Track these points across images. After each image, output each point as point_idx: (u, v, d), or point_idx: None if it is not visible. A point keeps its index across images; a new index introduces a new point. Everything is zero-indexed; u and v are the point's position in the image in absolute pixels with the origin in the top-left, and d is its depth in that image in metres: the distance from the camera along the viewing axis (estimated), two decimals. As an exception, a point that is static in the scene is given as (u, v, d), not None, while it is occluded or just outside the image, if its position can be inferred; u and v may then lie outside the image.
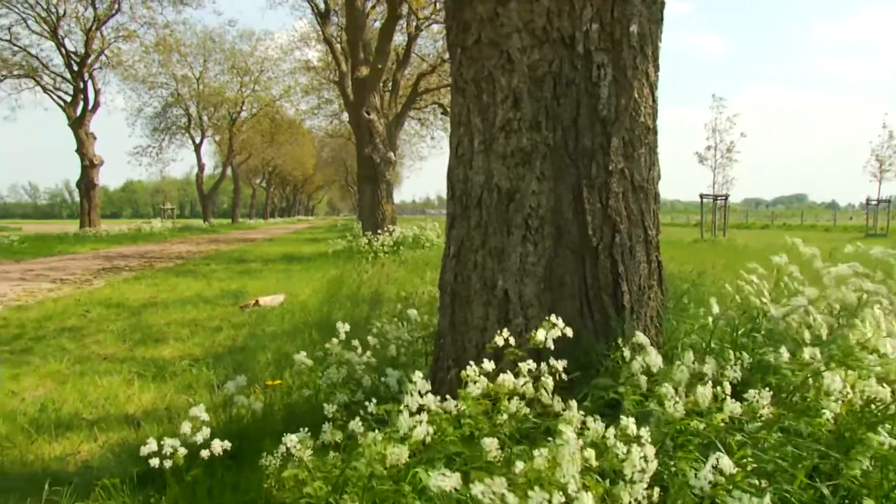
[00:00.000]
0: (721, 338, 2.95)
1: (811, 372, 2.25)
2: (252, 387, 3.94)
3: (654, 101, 2.84)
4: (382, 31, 17.58)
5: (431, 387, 2.21)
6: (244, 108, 49.15)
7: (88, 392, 4.24)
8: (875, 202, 31.69)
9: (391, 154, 17.71)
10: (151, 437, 2.34)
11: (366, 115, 16.89)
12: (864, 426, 2.02)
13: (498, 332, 2.34)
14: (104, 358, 5.28)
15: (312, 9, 22.09)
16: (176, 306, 8.05)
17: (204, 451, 2.37)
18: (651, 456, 1.67)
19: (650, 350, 2.53)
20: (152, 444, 2.33)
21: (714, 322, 2.96)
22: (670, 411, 2.01)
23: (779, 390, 2.40)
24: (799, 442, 1.96)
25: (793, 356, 2.51)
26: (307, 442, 2.37)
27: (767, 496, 1.58)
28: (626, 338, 2.62)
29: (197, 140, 49.78)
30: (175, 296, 9.10)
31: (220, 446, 2.38)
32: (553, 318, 2.34)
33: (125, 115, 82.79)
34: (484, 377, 2.17)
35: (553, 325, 2.35)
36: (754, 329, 2.96)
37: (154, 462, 2.30)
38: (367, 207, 17.60)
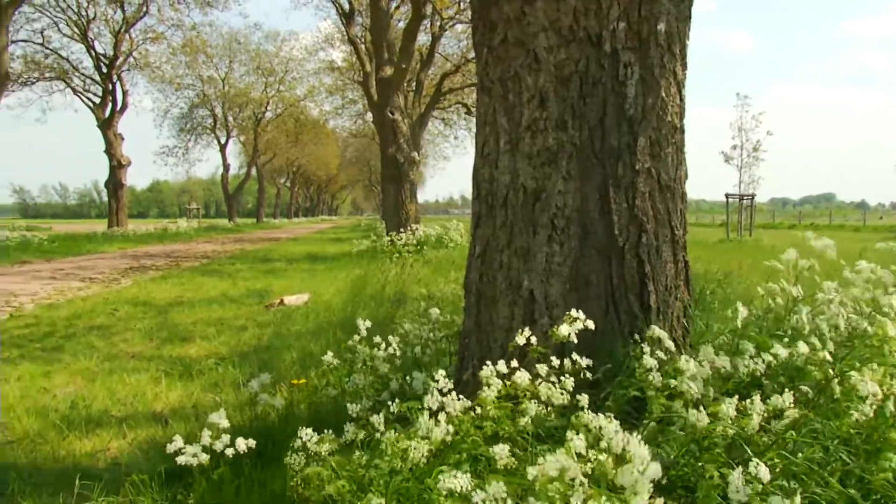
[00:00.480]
0: (747, 337, 2.92)
1: (838, 372, 2.21)
2: (277, 386, 3.96)
3: (682, 100, 2.82)
4: (406, 31, 17.61)
5: (456, 387, 2.21)
6: (269, 109, 49.52)
7: (117, 389, 4.29)
8: (906, 202, 31.05)
9: (415, 154, 17.74)
10: (178, 435, 2.37)
11: (390, 115, 16.93)
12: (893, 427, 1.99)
13: (520, 332, 2.34)
14: (132, 356, 5.35)
15: (337, 9, 22.22)
16: (202, 305, 8.13)
17: (229, 450, 2.39)
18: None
19: (667, 343, 2.51)
20: (178, 442, 2.36)
21: (743, 324, 2.93)
22: (694, 421, 1.98)
23: (797, 388, 2.37)
24: (827, 443, 1.93)
25: (813, 352, 2.47)
26: (329, 440, 2.38)
27: (798, 498, 1.55)
28: (650, 336, 2.60)
29: (222, 140, 50.23)
30: (201, 295, 9.19)
31: (245, 444, 2.40)
32: (581, 314, 2.33)
33: (152, 116, 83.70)
34: (499, 379, 2.16)
35: (575, 319, 2.33)
36: (780, 328, 2.93)
37: (181, 460, 2.33)
38: (391, 207, 17.64)
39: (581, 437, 1.66)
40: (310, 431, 2.34)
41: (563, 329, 2.32)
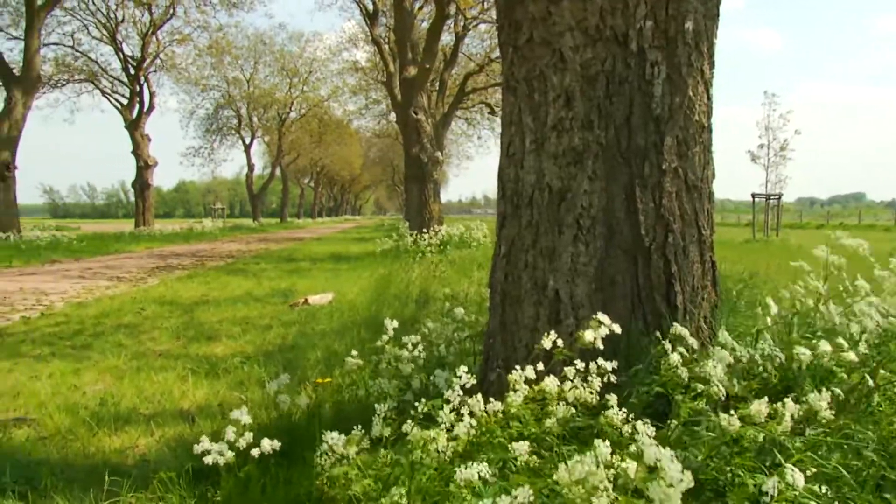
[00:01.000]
0: (775, 338, 2.88)
1: (877, 378, 2.18)
2: (302, 384, 3.99)
3: (709, 99, 2.79)
4: (430, 31, 17.64)
5: (481, 387, 2.21)
6: (293, 109, 49.90)
7: (145, 387, 4.34)
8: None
9: (438, 154, 17.75)
10: (205, 436, 2.39)
11: (413, 115, 16.96)
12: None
13: (547, 333, 2.33)
14: (159, 354, 5.41)
15: (361, 10, 22.33)
16: (227, 304, 8.19)
17: (254, 450, 2.40)
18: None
19: (690, 340, 2.48)
20: (206, 443, 2.37)
21: (771, 324, 2.90)
22: (725, 424, 1.96)
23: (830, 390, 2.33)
24: (861, 447, 1.90)
25: (840, 352, 2.44)
26: (356, 440, 2.39)
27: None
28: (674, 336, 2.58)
29: (247, 141, 50.69)
30: (226, 294, 9.26)
31: (270, 445, 2.41)
32: (603, 318, 2.32)
33: (178, 117, 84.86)
34: (525, 385, 2.16)
35: (600, 324, 2.32)
36: (809, 329, 2.89)
37: (208, 460, 2.35)
38: (415, 207, 17.68)
39: (607, 444, 1.65)
40: (335, 435, 2.35)
41: (588, 335, 2.31)
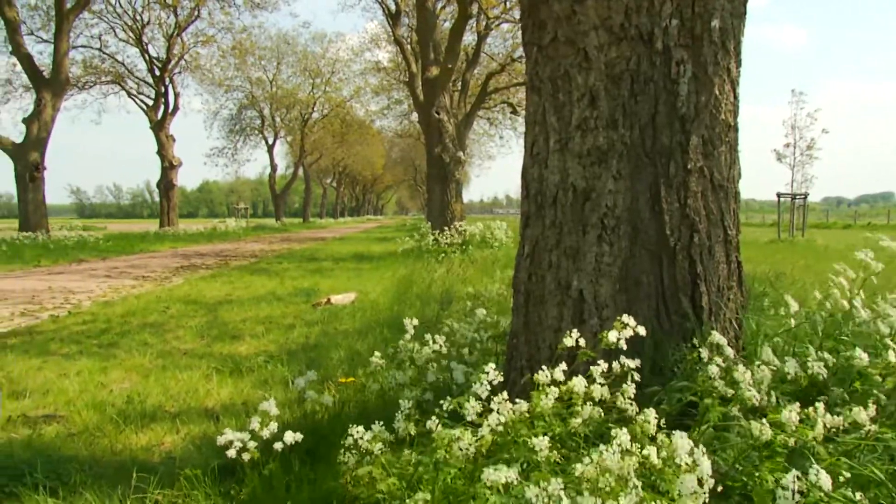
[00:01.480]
0: (805, 340, 2.85)
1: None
2: (326, 384, 4.01)
3: (736, 98, 2.77)
4: (453, 31, 17.64)
5: (504, 387, 2.21)
6: (315, 109, 50.12)
7: (170, 386, 4.38)
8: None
9: (460, 153, 17.75)
10: (228, 429, 2.41)
11: (436, 115, 16.98)
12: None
13: (568, 333, 2.32)
14: (184, 353, 5.46)
15: (383, 10, 22.37)
16: (251, 304, 8.25)
17: (277, 444, 2.42)
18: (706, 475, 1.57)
19: (728, 350, 2.46)
20: (228, 435, 2.40)
21: (797, 324, 2.86)
22: (756, 432, 1.94)
23: (865, 395, 2.30)
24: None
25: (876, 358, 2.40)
26: (381, 436, 2.39)
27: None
28: (704, 339, 2.56)
29: (270, 141, 51.03)
30: (250, 293, 9.33)
31: (293, 437, 2.43)
32: (628, 319, 2.31)
33: (202, 118, 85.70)
34: (554, 387, 2.15)
35: (625, 325, 2.31)
36: (840, 332, 2.85)
37: (231, 453, 2.37)
38: (437, 207, 17.69)
39: (626, 433, 1.65)
40: (361, 429, 2.36)
41: (612, 335, 2.30)
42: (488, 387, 2.18)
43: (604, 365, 2.23)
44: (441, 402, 2.28)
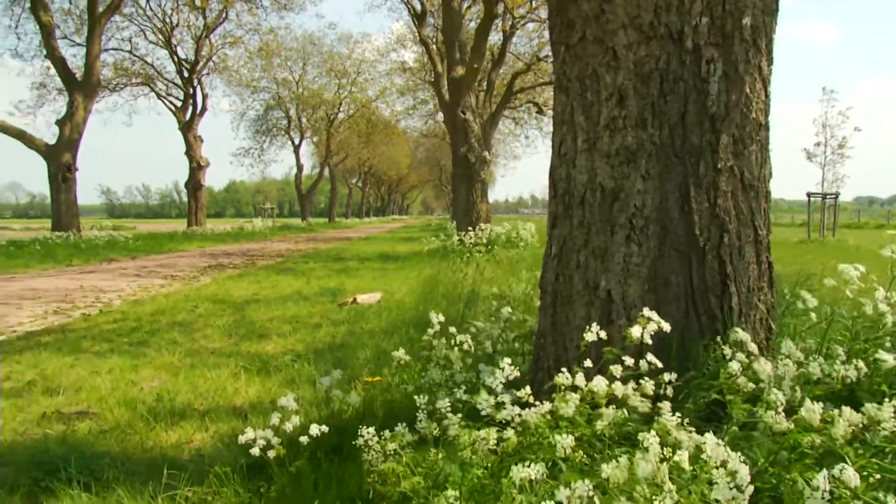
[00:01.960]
0: (835, 340, 2.81)
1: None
2: (352, 383, 4.03)
3: (767, 96, 2.73)
4: (478, 31, 17.64)
5: (531, 387, 2.20)
6: (341, 110, 50.40)
7: (199, 384, 4.43)
8: None
9: (486, 153, 17.74)
10: (250, 427, 2.43)
11: (461, 115, 16.98)
12: None
13: (588, 329, 2.31)
14: (212, 352, 5.52)
15: (409, 10, 22.43)
16: (277, 303, 8.32)
17: (303, 438, 2.44)
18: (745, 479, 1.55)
19: (751, 346, 2.43)
20: (251, 433, 2.42)
21: (827, 324, 2.82)
22: (778, 426, 1.91)
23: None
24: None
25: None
26: (401, 437, 2.40)
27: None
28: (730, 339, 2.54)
29: (296, 141, 51.38)
30: (276, 293, 9.40)
31: (318, 429, 2.44)
32: (655, 315, 2.29)
33: (229, 119, 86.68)
34: (573, 392, 2.14)
35: (649, 320, 2.29)
36: (873, 332, 2.81)
37: (255, 451, 2.39)
38: (462, 207, 17.69)
39: (656, 437, 1.63)
40: (371, 430, 2.36)
41: (636, 331, 2.28)
42: (503, 381, 2.18)
43: (630, 363, 2.22)
44: (463, 401, 2.29)
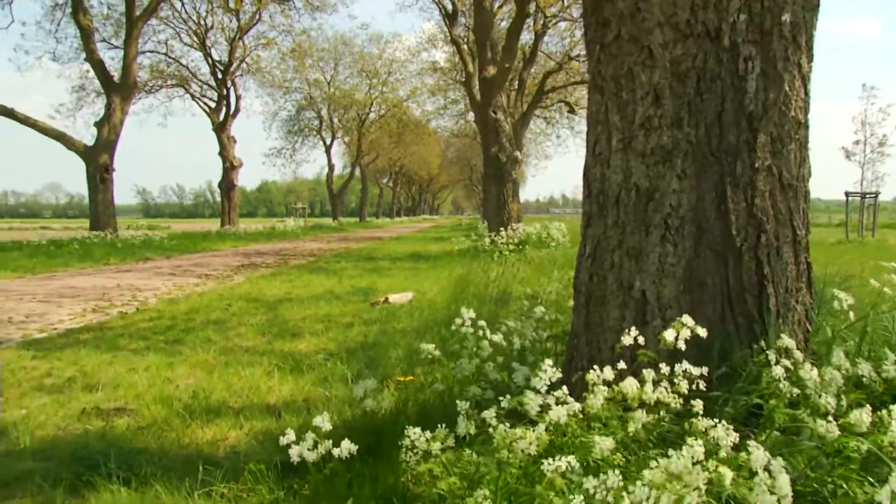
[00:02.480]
0: (879, 343, 2.75)
1: None
2: (385, 382, 4.04)
3: (807, 94, 2.69)
4: (510, 30, 17.59)
5: (565, 388, 2.19)
6: (372, 110, 50.59)
7: (233, 382, 4.48)
8: None
9: (517, 153, 17.69)
10: (290, 429, 2.44)
11: (493, 115, 16.95)
12: None
13: (626, 332, 2.29)
14: (246, 350, 5.57)
15: (440, 10, 22.42)
16: (310, 302, 8.37)
17: (336, 450, 2.44)
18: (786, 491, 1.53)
19: (797, 354, 2.40)
20: (291, 435, 2.43)
21: (864, 324, 2.77)
22: (830, 435, 1.87)
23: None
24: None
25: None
26: (442, 436, 2.40)
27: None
28: (771, 342, 2.50)
29: (327, 141, 51.76)
30: (309, 292, 9.47)
31: (348, 449, 2.43)
32: (688, 319, 2.27)
33: (262, 119, 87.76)
34: (605, 386, 2.12)
35: (684, 325, 2.27)
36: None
37: (293, 453, 2.40)
38: (493, 206, 17.66)
39: (700, 443, 1.62)
40: (418, 430, 2.37)
41: (670, 335, 2.26)
42: (548, 382, 2.17)
43: (665, 368, 2.20)
44: (500, 400, 2.28)
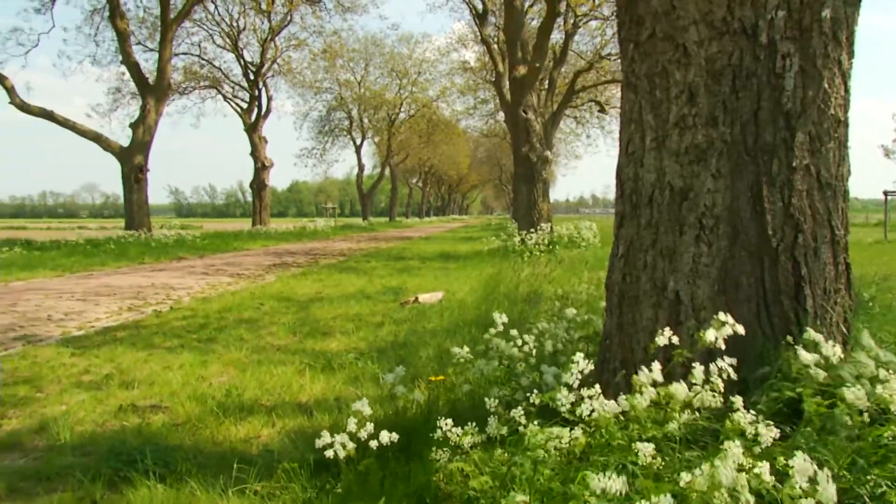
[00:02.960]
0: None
1: None
2: (416, 381, 4.05)
3: (847, 92, 2.64)
4: (541, 30, 17.52)
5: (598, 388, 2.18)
6: (402, 110, 50.77)
7: (265, 380, 4.53)
8: None
9: (548, 153, 17.61)
10: (325, 431, 2.46)
11: (523, 115, 16.89)
12: None
13: (659, 333, 2.27)
14: (278, 349, 5.63)
15: (471, 10, 22.39)
16: (340, 301, 8.43)
17: (373, 442, 2.46)
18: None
19: (826, 348, 2.35)
20: (326, 437, 2.45)
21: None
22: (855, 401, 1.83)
23: None
24: None
25: None
26: (472, 433, 2.40)
27: None
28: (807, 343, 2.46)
29: (357, 141, 51.99)
30: (339, 291, 9.53)
31: (388, 437, 2.46)
32: (729, 318, 2.24)
33: (293, 120, 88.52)
34: (652, 387, 2.10)
35: (723, 324, 2.24)
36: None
37: (329, 453, 2.42)
38: (523, 206, 17.60)
39: (738, 444, 1.60)
40: (450, 422, 2.37)
41: (710, 334, 2.23)
42: (579, 377, 2.16)
43: (700, 368, 2.17)
44: (529, 397, 2.28)
